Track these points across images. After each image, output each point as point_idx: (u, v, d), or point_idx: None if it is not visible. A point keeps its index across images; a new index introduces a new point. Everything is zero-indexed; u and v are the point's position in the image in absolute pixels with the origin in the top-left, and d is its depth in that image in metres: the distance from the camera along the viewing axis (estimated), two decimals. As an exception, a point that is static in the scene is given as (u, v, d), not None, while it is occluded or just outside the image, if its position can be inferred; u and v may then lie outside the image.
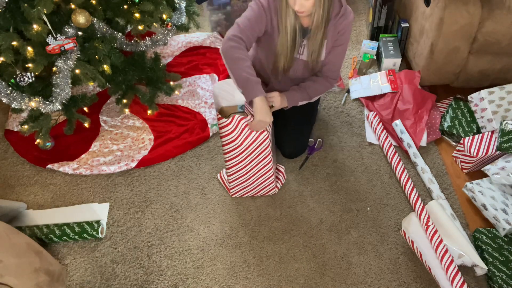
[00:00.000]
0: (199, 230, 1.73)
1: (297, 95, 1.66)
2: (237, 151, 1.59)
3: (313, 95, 1.70)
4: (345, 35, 1.59)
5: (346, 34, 1.59)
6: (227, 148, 1.59)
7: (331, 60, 1.66)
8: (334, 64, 1.68)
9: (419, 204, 1.65)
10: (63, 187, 1.91)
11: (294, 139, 1.82)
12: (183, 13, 2.11)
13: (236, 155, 1.61)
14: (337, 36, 1.59)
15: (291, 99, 1.65)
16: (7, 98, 1.65)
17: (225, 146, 1.59)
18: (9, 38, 1.56)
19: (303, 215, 1.74)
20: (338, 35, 1.58)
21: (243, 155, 1.61)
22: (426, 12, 1.92)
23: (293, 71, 1.69)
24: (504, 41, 1.81)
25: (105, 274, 1.64)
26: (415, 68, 2.13)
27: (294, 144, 1.84)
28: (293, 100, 1.66)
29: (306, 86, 1.68)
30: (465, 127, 1.90)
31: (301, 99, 1.68)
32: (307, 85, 1.69)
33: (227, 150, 1.60)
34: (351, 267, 1.60)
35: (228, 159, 1.63)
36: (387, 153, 1.89)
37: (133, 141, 2.03)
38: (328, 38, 1.57)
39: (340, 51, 1.64)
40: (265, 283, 1.57)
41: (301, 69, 1.68)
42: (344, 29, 1.57)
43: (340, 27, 1.56)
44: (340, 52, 1.64)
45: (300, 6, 1.40)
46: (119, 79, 1.90)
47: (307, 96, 1.69)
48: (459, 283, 1.43)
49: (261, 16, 1.51)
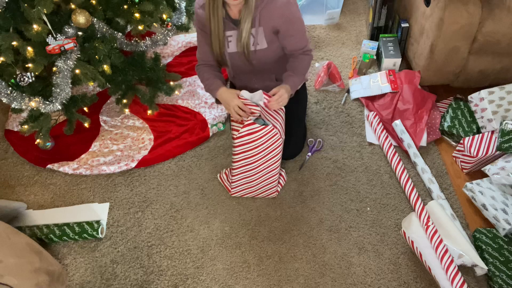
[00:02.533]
0: (199, 230, 1.73)
1: (294, 79, 1.67)
2: (249, 154, 1.62)
3: (304, 72, 1.71)
4: (288, 15, 1.54)
5: (288, 13, 1.54)
6: (239, 149, 1.61)
7: (292, 39, 1.62)
8: (298, 39, 1.64)
9: (419, 204, 1.65)
10: (63, 187, 1.91)
11: (290, 140, 1.83)
12: (183, 13, 2.11)
13: (246, 157, 1.63)
14: (279, 20, 1.54)
15: (292, 85, 1.66)
16: (7, 98, 1.65)
17: (237, 147, 1.61)
18: (9, 38, 1.56)
19: (303, 215, 1.74)
20: (279, 18, 1.53)
21: (254, 158, 1.63)
22: (426, 12, 1.92)
23: (234, 66, 1.73)
24: (504, 41, 1.81)
25: (105, 274, 1.64)
26: (415, 68, 2.13)
27: (290, 145, 1.84)
28: (293, 85, 1.67)
29: (294, 67, 1.69)
30: (465, 127, 1.90)
31: (299, 82, 1.70)
32: (293, 66, 1.69)
33: (238, 151, 1.62)
34: (351, 267, 1.60)
35: (237, 159, 1.65)
36: (387, 153, 1.89)
37: (133, 141, 2.03)
38: (263, 25, 1.56)
39: (295, 27, 1.59)
40: (265, 283, 1.58)
41: (239, 61, 1.68)
42: (283, 11, 1.53)
43: (277, 11, 1.52)
44: (296, 28, 1.60)
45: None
46: (119, 79, 1.90)
47: (302, 76, 1.70)
48: (459, 283, 1.43)
49: (200, 30, 1.64)
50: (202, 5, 1.57)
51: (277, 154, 1.64)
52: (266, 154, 1.63)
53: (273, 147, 1.61)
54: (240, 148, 1.61)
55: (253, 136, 1.58)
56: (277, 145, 1.61)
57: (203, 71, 1.71)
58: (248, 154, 1.62)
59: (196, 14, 1.62)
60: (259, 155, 1.62)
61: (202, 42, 1.67)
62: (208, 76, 1.69)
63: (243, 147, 1.60)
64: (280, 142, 1.61)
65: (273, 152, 1.63)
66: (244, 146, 1.60)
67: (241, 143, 1.60)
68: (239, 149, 1.61)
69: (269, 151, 1.62)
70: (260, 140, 1.58)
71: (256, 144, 1.59)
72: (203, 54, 1.70)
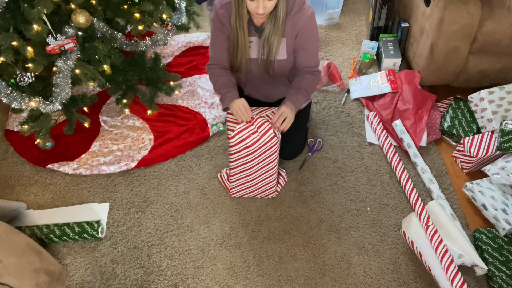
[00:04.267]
0: (199, 230, 1.73)
1: (299, 97, 1.64)
2: (244, 152, 1.59)
3: (310, 92, 1.69)
4: (308, 30, 1.56)
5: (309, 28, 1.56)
6: (234, 149, 1.58)
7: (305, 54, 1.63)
8: (310, 56, 1.65)
9: (419, 204, 1.65)
10: (63, 187, 1.91)
11: (291, 140, 1.83)
12: (183, 13, 2.11)
13: (242, 156, 1.61)
14: (299, 31, 1.55)
15: (296, 104, 1.63)
16: (7, 98, 1.65)
17: (232, 147, 1.58)
18: (9, 38, 1.56)
19: (303, 215, 1.74)
20: (300, 30, 1.55)
21: (250, 157, 1.61)
22: (426, 12, 1.92)
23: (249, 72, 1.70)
24: (504, 41, 1.81)
25: (105, 274, 1.64)
26: (415, 68, 2.13)
27: (291, 145, 1.84)
28: (297, 104, 1.64)
29: (299, 87, 1.66)
30: (465, 127, 1.90)
31: (303, 101, 1.66)
32: (299, 85, 1.67)
33: (233, 151, 1.59)
34: (351, 267, 1.60)
35: (233, 159, 1.63)
36: (387, 153, 1.89)
37: (133, 141, 2.03)
38: (287, 35, 1.56)
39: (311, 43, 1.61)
40: (265, 283, 1.58)
41: (255, 68, 1.67)
42: (305, 24, 1.54)
43: (300, 23, 1.53)
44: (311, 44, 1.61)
45: (263, 9, 1.41)
46: (119, 79, 1.90)
47: (307, 95, 1.68)
48: (459, 283, 1.43)
49: (217, 30, 1.59)
50: (224, 5, 1.54)
51: (273, 153, 1.61)
52: (262, 153, 1.60)
53: (268, 146, 1.57)
54: (236, 148, 1.58)
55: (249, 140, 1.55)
56: (272, 144, 1.58)
57: (217, 74, 1.66)
58: (243, 154, 1.60)
59: (215, 14, 1.57)
60: (255, 153, 1.59)
61: (217, 43, 1.62)
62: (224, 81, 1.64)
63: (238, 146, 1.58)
64: (276, 141, 1.58)
65: (269, 151, 1.60)
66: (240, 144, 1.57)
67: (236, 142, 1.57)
68: (234, 149, 1.58)
69: (265, 149, 1.59)
70: (256, 142, 1.55)
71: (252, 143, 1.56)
72: (217, 55, 1.65)
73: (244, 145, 1.56)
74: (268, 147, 1.58)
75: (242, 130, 1.56)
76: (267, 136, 1.55)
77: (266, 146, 1.57)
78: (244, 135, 1.55)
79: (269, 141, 1.56)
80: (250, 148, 1.57)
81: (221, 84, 1.64)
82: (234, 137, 1.55)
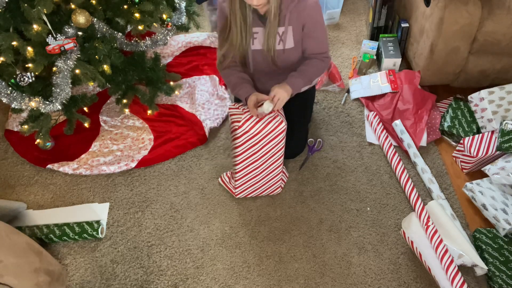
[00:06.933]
0: (199, 230, 1.73)
1: (299, 81, 1.60)
2: (252, 142, 1.57)
3: (313, 77, 1.65)
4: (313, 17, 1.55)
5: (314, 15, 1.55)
6: (241, 140, 1.56)
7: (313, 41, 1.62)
8: (318, 43, 1.63)
9: (419, 204, 1.65)
10: (63, 187, 1.91)
11: (292, 139, 1.82)
12: (183, 13, 2.11)
13: (249, 147, 1.58)
14: (305, 20, 1.54)
15: (293, 86, 1.59)
16: (7, 98, 1.65)
17: (240, 137, 1.55)
18: (9, 38, 1.56)
19: (303, 215, 1.74)
20: (306, 18, 1.54)
21: (257, 146, 1.58)
22: (426, 12, 1.92)
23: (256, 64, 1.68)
24: (504, 41, 1.81)
25: (105, 274, 1.64)
26: (415, 68, 2.13)
27: (292, 144, 1.83)
28: (295, 86, 1.59)
29: (303, 70, 1.63)
30: (465, 127, 1.90)
31: (303, 84, 1.62)
32: (303, 68, 1.64)
33: (240, 143, 1.57)
34: (351, 267, 1.60)
35: (239, 153, 1.60)
36: (387, 153, 1.89)
37: (133, 141, 2.03)
38: (293, 24, 1.55)
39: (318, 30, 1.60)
40: (265, 283, 1.58)
41: (261, 60, 1.65)
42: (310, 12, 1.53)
43: (306, 11, 1.52)
44: (319, 31, 1.60)
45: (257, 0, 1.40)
46: (119, 79, 1.90)
47: (308, 80, 1.64)
48: (459, 283, 1.43)
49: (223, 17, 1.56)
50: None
51: (280, 141, 1.58)
52: (268, 141, 1.57)
53: (275, 133, 1.55)
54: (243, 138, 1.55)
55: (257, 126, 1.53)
56: (279, 131, 1.55)
57: (228, 74, 1.67)
58: (251, 143, 1.57)
59: (219, 9, 1.56)
60: (262, 142, 1.56)
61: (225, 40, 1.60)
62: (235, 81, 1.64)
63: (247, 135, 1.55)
64: (283, 127, 1.54)
65: (276, 139, 1.57)
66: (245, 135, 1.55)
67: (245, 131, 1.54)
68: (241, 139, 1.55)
69: (272, 137, 1.56)
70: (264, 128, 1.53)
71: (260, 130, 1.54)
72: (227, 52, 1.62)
73: (252, 133, 1.54)
74: (275, 135, 1.56)
75: (249, 118, 1.54)
76: (275, 122, 1.54)
77: (273, 133, 1.55)
78: (252, 123, 1.54)
79: (276, 127, 1.54)
80: (258, 136, 1.55)
81: (233, 84, 1.64)
82: (243, 125, 1.53)
